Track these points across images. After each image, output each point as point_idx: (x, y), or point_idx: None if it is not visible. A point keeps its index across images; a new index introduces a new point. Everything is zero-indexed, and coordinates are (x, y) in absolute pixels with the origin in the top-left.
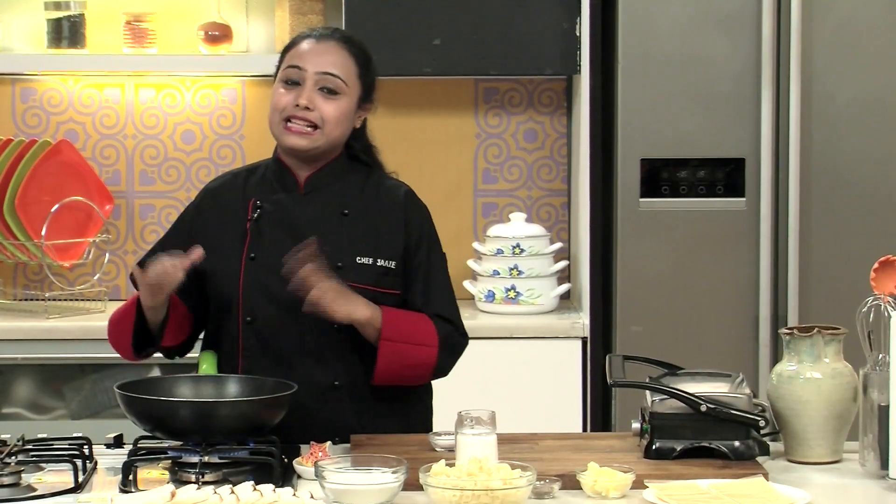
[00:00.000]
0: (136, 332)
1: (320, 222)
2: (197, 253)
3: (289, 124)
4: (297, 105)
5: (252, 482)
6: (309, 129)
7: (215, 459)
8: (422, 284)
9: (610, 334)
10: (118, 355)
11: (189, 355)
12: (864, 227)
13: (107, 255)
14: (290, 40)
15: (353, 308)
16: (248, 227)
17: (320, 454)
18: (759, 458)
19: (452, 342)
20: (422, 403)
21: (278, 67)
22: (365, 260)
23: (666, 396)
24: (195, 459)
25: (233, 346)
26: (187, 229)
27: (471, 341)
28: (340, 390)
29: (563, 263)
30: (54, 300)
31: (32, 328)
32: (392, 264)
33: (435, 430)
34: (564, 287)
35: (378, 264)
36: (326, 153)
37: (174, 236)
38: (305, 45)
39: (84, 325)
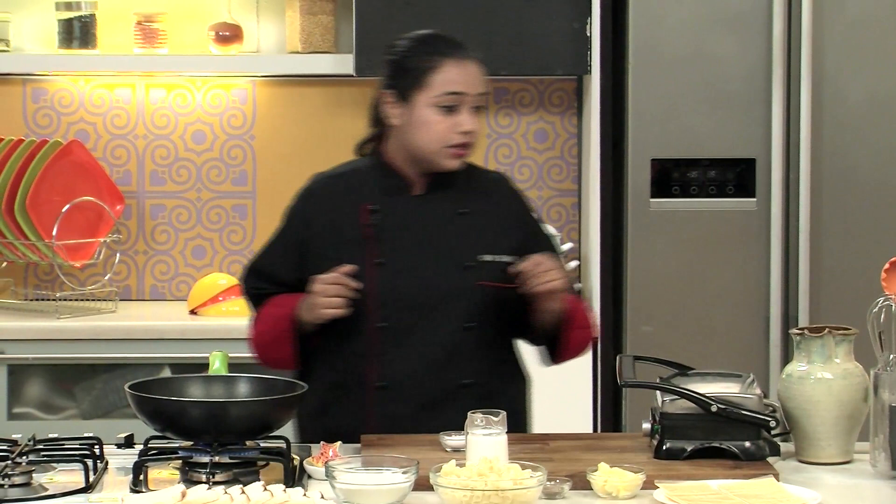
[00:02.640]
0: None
1: (441, 223)
2: (349, 268)
3: (451, 149)
4: (465, 132)
5: (262, 482)
6: (467, 151)
7: (226, 459)
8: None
9: (620, 335)
10: (129, 355)
11: (200, 354)
12: (875, 228)
13: (117, 255)
14: (413, 56)
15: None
16: (366, 232)
17: (331, 454)
18: (770, 459)
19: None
20: (529, 404)
21: (412, 82)
22: (488, 257)
23: (676, 397)
24: (206, 459)
25: (360, 351)
26: (297, 237)
27: None
28: (469, 389)
29: (573, 264)
30: (65, 300)
31: (43, 328)
32: (511, 259)
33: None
34: (575, 287)
35: (500, 260)
36: None
37: (283, 244)
38: (456, 68)
39: (95, 325)
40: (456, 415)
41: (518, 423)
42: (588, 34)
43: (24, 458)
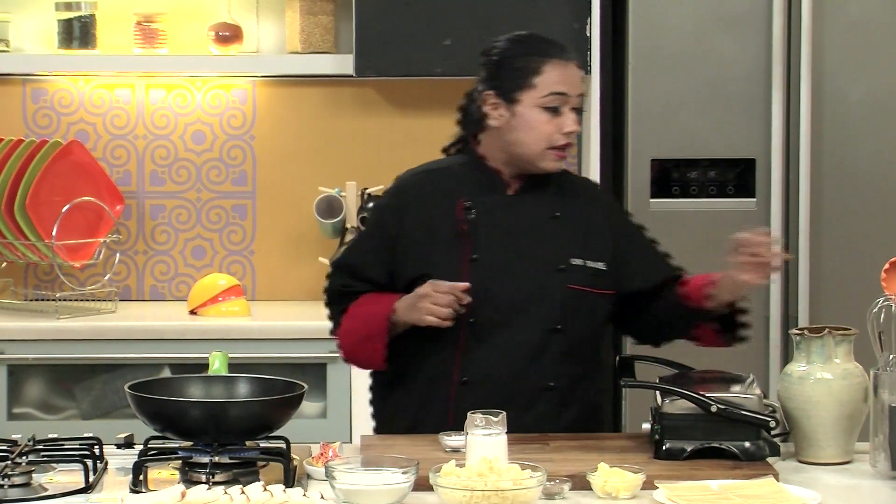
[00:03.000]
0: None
1: (534, 224)
2: (464, 286)
3: (554, 150)
4: (569, 133)
5: (262, 482)
6: (567, 152)
7: (226, 460)
8: (659, 258)
9: (621, 335)
10: (128, 355)
11: (200, 354)
12: (874, 228)
13: (117, 255)
14: (524, 56)
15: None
16: (462, 229)
17: (330, 454)
18: (770, 459)
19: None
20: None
21: (518, 82)
22: (579, 261)
23: (676, 397)
24: (206, 460)
25: (448, 347)
26: (389, 233)
27: None
28: (552, 392)
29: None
30: (65, 300)
31: (43, 328)
32: (602, 265)
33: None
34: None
35: (590, 265)
36: None
37: (374, 241)
38: (561, 68)
39: (95, 326)
40: (534, 417)
41: (598, 426)
42: (588, 34)
43: (24, 458)
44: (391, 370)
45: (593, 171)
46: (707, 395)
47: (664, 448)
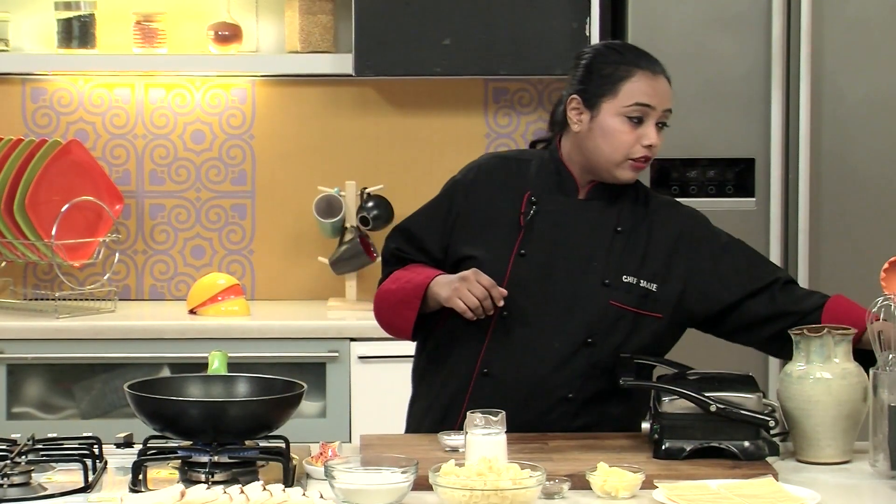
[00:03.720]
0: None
1: (594, 234)
2: (504, 292)
3: (631, 161)
4: (650, 146)
5: (261, 482)
6: (646, 164)
7: (225, 459)
8: (754, 263)
9: None
10: (128, 355)
11: (199, 354)
12: (874, 227)
13: (117, 254)
14: (614, 63)
15: None
16: (521, 222)
17: (330, 454)
18: (769, 459)
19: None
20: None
21: (603, 88)
22: (630, 279)
23: (675, 397)
24: (205, 459)
25: (478, 336)
26: (453, 202)
27: None
28: (571, 403)
29: None
30: (64, 300)
31: (42, 328)
32: (653, 287)
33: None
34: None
35: (641, 285)
36: None
37: (438, 212)
38: (648, 80)
39: (94, 325)
40: (545, 424)
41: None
42: (587, 34)
43: (24, 457)
44: (424, 357)
45: None
46: (706, 394)
47: (663, 447)
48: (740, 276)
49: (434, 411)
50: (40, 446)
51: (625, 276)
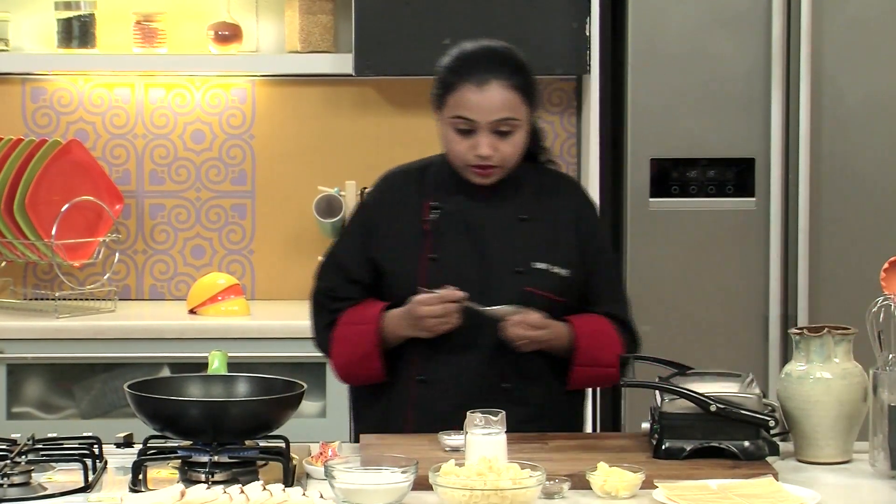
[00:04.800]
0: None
1: (499, 227)
2: (460, 295)
3: (473, 169)
4: (478, 156)
5: (261, 481)
6: (490, 170)
7: (225, 459)
8: (603, 286)
9: None
10: (128, 355)
11: (199, 354)
12: (874, 227)
13: (117, 254)
14: (443, 71)
15: (551, 342)
16: (426, 228)
17: (330, 453)
18: (769, 459)
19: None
20: (581, 412)
21: (437, 97)
22: (541, 265)
23: (676, 396)
24: (205, 459)
25: (408, 346)
26: (366, 225)
27: None
28: (508, 393)
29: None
30: (64, 300)
31: (42, 328)
32: (566, 272)
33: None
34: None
35: (553, 271)
36: None
37: (353, 236)
38: (468, 94)
39: (94, 325)
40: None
41: (567, 427)
42: (587, 34)
43: (24, 457)
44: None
45: (592, 170)
46: (706, 394)
47: (663, 447)
48: (593, 288)
49: (383, 424)
50: (40, 446)
51: (535, 263)
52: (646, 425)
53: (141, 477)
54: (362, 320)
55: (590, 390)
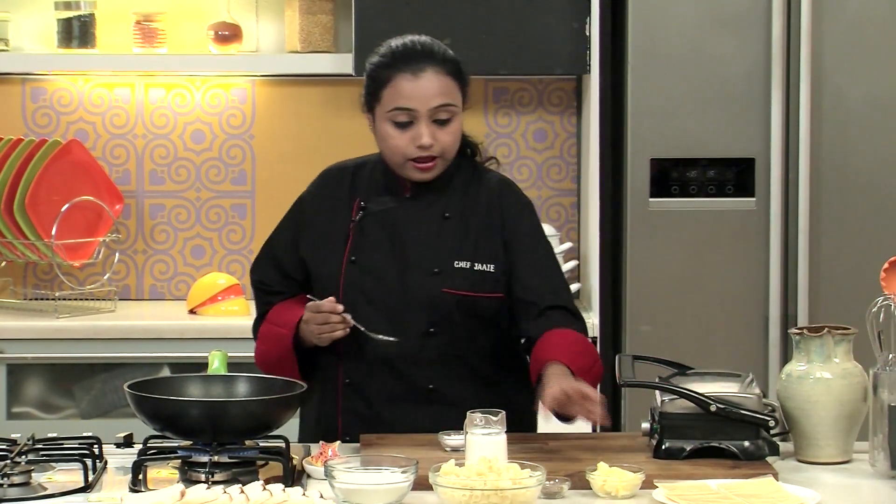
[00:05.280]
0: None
1: (421, 226)
2: (329, 302)
3: (411, 162)
4: (420, 147)
5: (261, 481)
6: (431, 162)
7: (225, 459)
8: (536, 278)
9: (619, 334)
10: (128, 355)
11: (199, 354)
12: (874, 227)
13: (117, 254)
14: (374, 67)
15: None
16: (349, 228)
17: (330, 453)
18: (769, 459)
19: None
20: (529, 413)
21: (371, 95)
22: (462, 264)
23: (675, 396)
24: (205, 459)
25: (333, 349)
26: (299, 222)
27: None
28: (436, 394)
29: (572, 263)
30: (64, 300)
31: (42, 328)
32: (491, 267)
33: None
34: (574, 287)
35: (476, 268)
36: None
37: (287, 226)
38: (405, 83)
39: (94, 325)
40: (423, 418)
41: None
42: (587, 34)
43: (24, 457)
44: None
45: (592, 170)
46: (706, 394)
47: (663, 447)
48: (522, 281)
49: (320, 425)
50: (40, 446)
51: (457, 262)
52: (646, 425)
53: (141, 477)
54: (282, 322)
55: None
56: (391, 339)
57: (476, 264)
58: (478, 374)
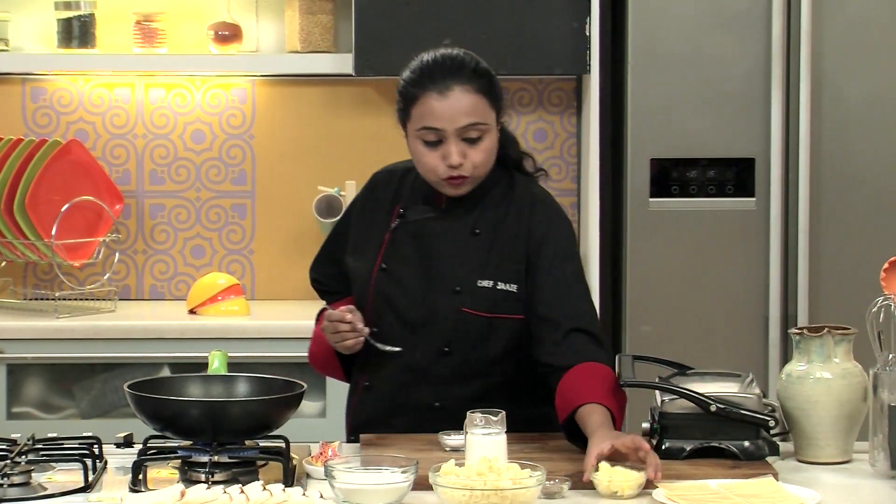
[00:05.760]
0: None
1: (450, 241)
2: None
3: (445, 180)
4: (450, 166)
5: (261, 481)
6: (462, 180)
7: (225, 459)
8: (561, 298)
9: (620, 334)
10: (128, 355)
11: (199, 354)
12: (874, 227)
13: (116, 254)
14: (404, 84)
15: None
16: (386, 235)
17: (330, 453)
18: (769, 459)
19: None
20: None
21: (402, 111)
22: (486, 283)
23: (676, 396)
24: (205, 459)
25: (362, 351)
26: (347, 222)
27: None
28: (442, 412)
29: None
30: (64, 300)
31: (42, 328)
32: (513, 287)
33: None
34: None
35: (499, 287)
36: None
37: (339, 228)
38: (433, 102)
39: (94, 325)
40: (430, 432)
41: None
42: (587, 34)
43: (24, 457)
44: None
45: (592, 170)
46: (706, 394)
47: (663, 447)
48: (546, 299)
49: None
50: (40, 446)
51: (480, 281)
52: (646, 425)
53: (141, 477)
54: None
55: None
56: (395, 349)
57: (499, 283)
58: (488, 398)
